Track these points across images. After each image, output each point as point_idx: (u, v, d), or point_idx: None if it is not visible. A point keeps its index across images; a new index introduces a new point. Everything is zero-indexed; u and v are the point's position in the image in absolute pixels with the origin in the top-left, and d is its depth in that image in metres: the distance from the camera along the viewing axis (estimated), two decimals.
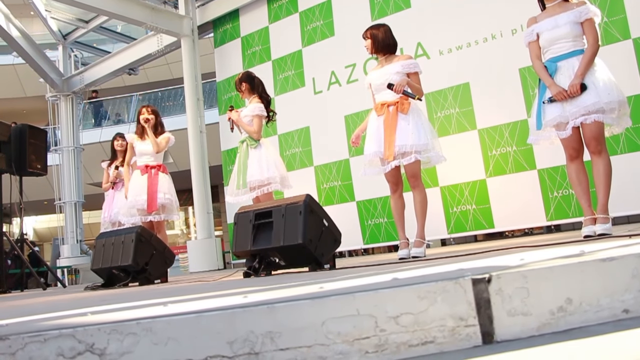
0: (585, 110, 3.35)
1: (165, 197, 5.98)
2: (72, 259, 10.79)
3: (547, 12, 3.65)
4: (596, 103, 3.32)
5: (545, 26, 3.58)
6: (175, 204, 6.15)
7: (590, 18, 3.48)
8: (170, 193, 6.07)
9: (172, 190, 6.12)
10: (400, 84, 4.00)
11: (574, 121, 3.42)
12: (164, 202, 5.97)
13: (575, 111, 3.38)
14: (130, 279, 4.85)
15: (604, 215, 3.40)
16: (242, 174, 5.20)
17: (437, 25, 7.08)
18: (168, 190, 6.04)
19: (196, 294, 2.21)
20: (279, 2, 8.75)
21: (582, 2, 3.56)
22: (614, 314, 1.35)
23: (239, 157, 5.31)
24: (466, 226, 6.68)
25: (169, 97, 16.50)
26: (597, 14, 3.52)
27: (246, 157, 5.24)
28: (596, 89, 3.35)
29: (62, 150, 11.39)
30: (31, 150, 6.86)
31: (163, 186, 5.99)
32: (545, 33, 3.58)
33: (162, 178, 6.03)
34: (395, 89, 4.01)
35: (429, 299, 1.27)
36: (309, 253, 3.50)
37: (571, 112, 3.40)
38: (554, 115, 3.49)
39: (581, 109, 3.36)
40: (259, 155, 5.27)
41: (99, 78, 11.27)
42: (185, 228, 21.93)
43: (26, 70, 13.48)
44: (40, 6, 10.63)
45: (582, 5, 3.53)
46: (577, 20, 3.49)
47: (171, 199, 6.07)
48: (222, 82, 9.43)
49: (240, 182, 5.20)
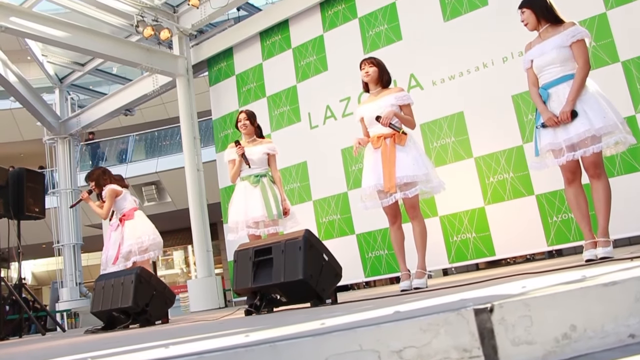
0: (578, 138, 3.35)
1: (127, 243, 6.05)
2: (71, 302, 10.68)
3: (540, 37, 3.68)
4: (588, 130, 3.30)
5: (535, 53, 3.61)
6: (147, 242, 6.14)
7: (579, 40, 3.47)
8: (133, 239, 6.09)
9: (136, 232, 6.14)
10: (387, 117, 4.01)
11: (574, 154, 3.40)
12: (130, 248, 6.04)
13: (567, 138, 3.38)
14: (131, 321, 4.80)
15: (605, 239, 3.38)
16: (276, 206, 5.13)
17: (428, 56, 7.18)
18: (130, 237, 6.10)
19: (198, 335, 2.18)
20: (272, 39, 8.88)
21: (571, 23, 3.56)
22: (620, 339, 1.34)
23: (262, 190, 5.11)
24: (467, 255, 6.65)
25: (166, 136, 16.56)
26: (587, 34, 3.51)
27: (273, 191, 5.19)
28: (587, 115, 3.33)
29: (59, 193, 11.38)
30: (29, 194, 6.85)
31: (126, 236, 6.10)
32: (536, 60, 3.60)
33: (126, 227, 6.16)
34: (382, 122, 4.02)
35: (432, 331, 1.26)
36: (310, 288, 3.48)
37: (563, 139, 3.40)
38: (546, 142, 3.49)
39: (573, 136, 3.36)
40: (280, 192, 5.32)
41: (95, 120, 11.34)
42: (185, 267, 21.77)
43: (23, 114, 13.55)
44: (36, 51, 10.76)
45: (570, 27, 3.52)
46: (564, 44, 3.48)
47: (134, 244, 6.07)
48: (218, 119, 9.49)
49: (273, 212, 5.11)
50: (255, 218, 5.08)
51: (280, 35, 8.77)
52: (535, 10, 3.63)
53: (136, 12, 8.81)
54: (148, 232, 6.17)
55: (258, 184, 5.19)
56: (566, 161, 3.44)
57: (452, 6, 7.04)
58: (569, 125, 3.38)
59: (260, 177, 5.21)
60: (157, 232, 6.24)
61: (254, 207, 5.08)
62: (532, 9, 3.64)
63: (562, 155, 3.45)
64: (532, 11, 3.64)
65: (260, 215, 5.06)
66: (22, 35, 8.46)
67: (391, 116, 4.02)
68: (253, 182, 5.17)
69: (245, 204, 5.14)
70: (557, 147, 3.46)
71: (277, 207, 5.11)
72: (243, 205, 5.16)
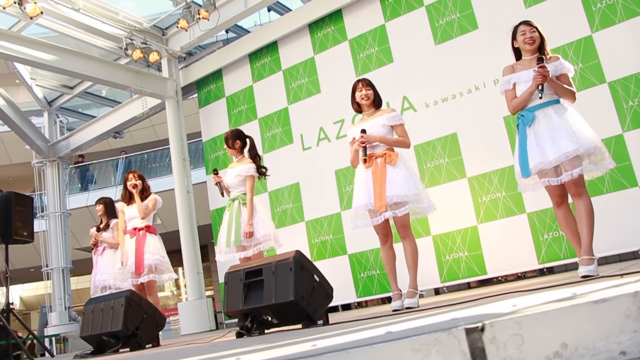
0: (566, 157, 3.41)
1: (154, 257, 5.89)
2: (60, 327, 10.52)
3: (523, 63, 3.75)
4: (576, 149, 3.38)
5: (522, 77, 3.67)
6: (167, 263, 6.06)
7: (564, 73, 3.63)
8: (160, 253, 5.98)
9: (161, 250, 6.04)
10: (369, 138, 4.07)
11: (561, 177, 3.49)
12: (153, 262, 5.87)
13: (556, 157, 3.43)
14: (121, 345, 4.73)
15: (589, 257, 3.41)
16: (236, 232, 5.16)
17: (421, 78, 7.25)
18: (157, 250, 5.95)
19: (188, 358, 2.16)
20: (261, 60, 8.92)
21: (556, 57, 3.69)
22: (612, 356, 1.34)
23: (230, 214, 5.28)
24: (459, 274, 6.66)
25: (155, 158, 16.53)
26: (571, 69, 3.67)
27: (239, 215, 5.22)
28: (576, 136, 3.42)
29: (48, 216, 11.29)
30: (17, 218, 6.78)
31: (150, 246, 5.93)
32: (522, 84, 3.66)
33: (150, 239, 5.99)
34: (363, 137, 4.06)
35: (424, 352, 1.25)
36: (302, 309, 3.46)
37: (553, 158, 3.45)
38: (536, 161, 3.53)
39: (561, 155, 3.41)
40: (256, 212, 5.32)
41: (84, 142, 11.29)
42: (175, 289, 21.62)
43: (12, 137, 13.52)
44: (25, 74, 10.74)
45: (556, 61, 3.66)
46: (553, 74, 3.59)
47: (161, 259, 5.97)
48: (208, 141, 9.49)
49: (231, 240, 5.17)
50: (222, 243, 5.24)
51: (270, 57, 8.82)
52: (541, 36, 3.74)
53: (125, 35, 8.84)
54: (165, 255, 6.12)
55: (230, 207, 5.29)
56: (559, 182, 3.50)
57: (443, 29, 7.13)
58: (558, 145, 3.42)
59: (232, 200, 5.31)
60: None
61: (223, 232, 5.27)
62: (539, 33, 3.74)
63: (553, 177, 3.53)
64: (539, 35, 3.73)
65: (223, 241, 5.20)
66: (10, 58, 8.45)
67: (373, 141, 4.05)
68: (228, 206, 5.32)
69: (223, 227, 5.33)
70: (547, 167, 3.50)
71: (236, 232, 5.15)
72: (223, 228, 5.32)
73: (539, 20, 3.87)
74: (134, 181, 6.07)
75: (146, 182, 6.22)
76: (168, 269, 6.06)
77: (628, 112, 5.78)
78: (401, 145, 4.19)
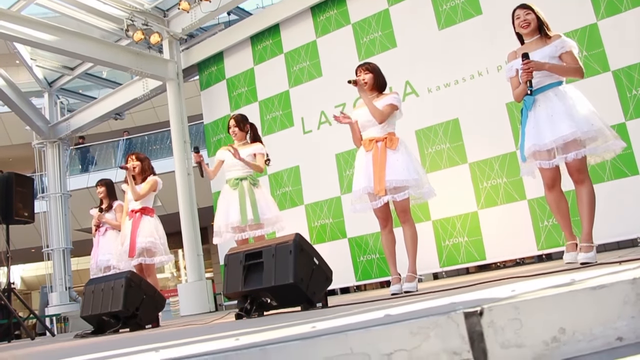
0: (563, 140, 3.36)
1: (147, 240, 5.86)
2: (61, 307, 10.59)
3: (526, 47, 3.69)
4: (574, 133, 3.32)
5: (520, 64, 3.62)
6: (162, 246, 6.00)
7: (567, 51, 3.54)
8: (154, 235, 5.93)
9: (156, 232, 5.97)
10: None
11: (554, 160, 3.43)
12: (145, 245, 5.85)
13: (552, 140, 3.39)
14: (121, 325, 4.76)
15: (588, 244, 3.39)
16: (253, 210, 5.15)
17: (424, 63, 7.21)
18: (150, 233, 5.91)
19: (188, 338, 2.18)
20: (263, 43, 8.87)
21: (557, 35, 3.62)
22: (608, 342, 1.35)
23: (240, 193, 5.20)
24: (458, 259, 6.68)
25: (156, 140, 16.50)
26: (574, 45, 3.57)
27: (252, 194, 5.23)
28: (574, 119, 3.35)
29: (49, 197, 11.30)
30: (18, 199, 6.81)
31: (144, 229, 5.90)
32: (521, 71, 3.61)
33: (145, 221, 5.97)
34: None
35: (422, 335, 1.26)
36: (301, 292, 3.47)
37: (548, 141, 3.41)
38: (531, 143, 3.50)
39: (558, 137, 3.37)
40: (264, 194, 5.39)
41: (85, 124, 11.27)
42: (175, 271, 21.71)
43: (12, 118, 13.48)
44: (25, 55, 10.69)
45: (558, 39, 3.58)
46: (554, 55, 3.54)
47: (154, 241, 5.91)
48: (209, 124, 9.47)
49: (248, 218, 5.13)
50: (232, 223, 5.16)
51: (272, 40, 8.77)
52: (538, 17, 3.67)
53: (126, 16, 8.78)
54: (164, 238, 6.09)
55: (237, 187, 5.25)
56: (553, 165, 3.46)
57: (447, 15, 7.08)
58: (555, 127, 3.39)
59: (240, 180, 5.27)
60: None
61: (233, 211, 5.18)
62: (535, 14, 3.68)
63: (545, 160, 3.47)
64: (535, 17, 3.67)
65: (236, 220, 5.13)
66: (10, 39, 8.40)
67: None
68: (232, 186, 5.26)
69: (227, 208, 5.24)
70: (541, 149, 3.47)
71: (253, 211, 5.14)
72: (225, 209, 5.25)
73: (544, 7, 3.81)
74: (132, 163, 6.06)
75: (147, 162, 6.17)
76: (161, 251, 5.97)
77: (631, 101, 5.77)
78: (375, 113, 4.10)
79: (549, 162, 3.47)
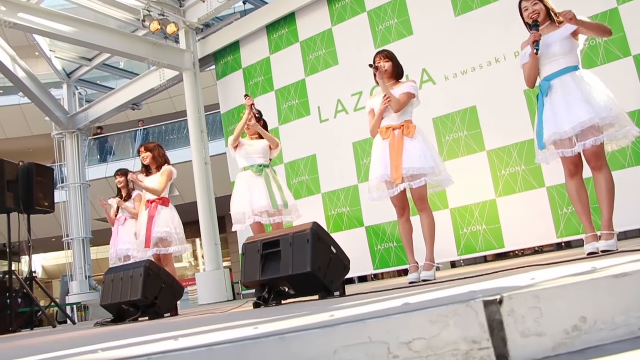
0: (581, 127, 3.30)
1: (163, 230, 5.87)
2: (81, 296, 10.75)
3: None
4: (592, 119, 3.26)
5: None
6: (177, 236, 5.99)
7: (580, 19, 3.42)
8: (170, 226, 5.93)
9: (172, 223, 5.97)
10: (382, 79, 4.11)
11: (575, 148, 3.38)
12: (161, 235, 5.87)
13: (571, 128, 3.32)
14: (140, 314, 4.82)
15: (609, 232, 3.34)
16: (281, 196, 5.29)
17: (440, 51, 7.16)
18: (165, 223, 5.91)
19: (207, 327, 2.19)
20: (278, 32, 8.85)
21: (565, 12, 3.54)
22: (631, 331, 1.33)
23: (267, 180, 5.31)
24: (476, 247, 6.65)
25: (173, 130, 16.59)
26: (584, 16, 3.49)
27: (277, 180, 5.40)
28: (592, 105, 3.29)
29: (68, 187, 11.44)
30: (39, 189, 6.88)
31: (160, 220, 5.92)
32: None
33: (161, 211, 5.99)
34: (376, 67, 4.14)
35: (441, 323, 1.25)
36: (319, 281, 3.48)
37: (567, 129, 3.34)
38: (550, 132, 3.44)
39: (577, 125, 3.30)
40: (283, 183, 5.53)
41: (103, 114, 11.38)
42: (193, 260, 21.86)
43: (32, 109, 13.62)
44: (44, 47, 10.80)
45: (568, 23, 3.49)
46: (566, 34, 3.48)
47: (169, 231, 5.91)
48: (226, 113, 9.50)
49: (278, 203, 5.25)
50: (260, 208, 5.19)
51: (287, 29, 8.75)
52: (546, 5, 3.61)
53: (143, 7, 8.81)
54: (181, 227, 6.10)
55: (261, 173, 5.28)
56: (573, 152, 3.41)
57: (463, 1, 7.00)
58: (572, 114, 3.34)
59: (263, 167, 5.33)
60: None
61: (259, 197, 5.20)
62: (543, 3, 3.62)
63: (568, 148, 3.42)
64: (543, 6, 3.62)
65: (265, 205, 5.20)
66: (30, 31, 8.47)
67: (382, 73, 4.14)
68: (257, 172, 5.29)
69: (250, 194, 5.25)
70: (562, 137, 3.41)
71: (281, 197, 5.20)
72: (248, 196, 5.27)
73: None
74: (142, 155, 6.10)
75: (157, 151, 6.12)
76: (176, 241, 5.97)
77: None
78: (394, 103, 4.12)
79: (571, 150, 3.41)
